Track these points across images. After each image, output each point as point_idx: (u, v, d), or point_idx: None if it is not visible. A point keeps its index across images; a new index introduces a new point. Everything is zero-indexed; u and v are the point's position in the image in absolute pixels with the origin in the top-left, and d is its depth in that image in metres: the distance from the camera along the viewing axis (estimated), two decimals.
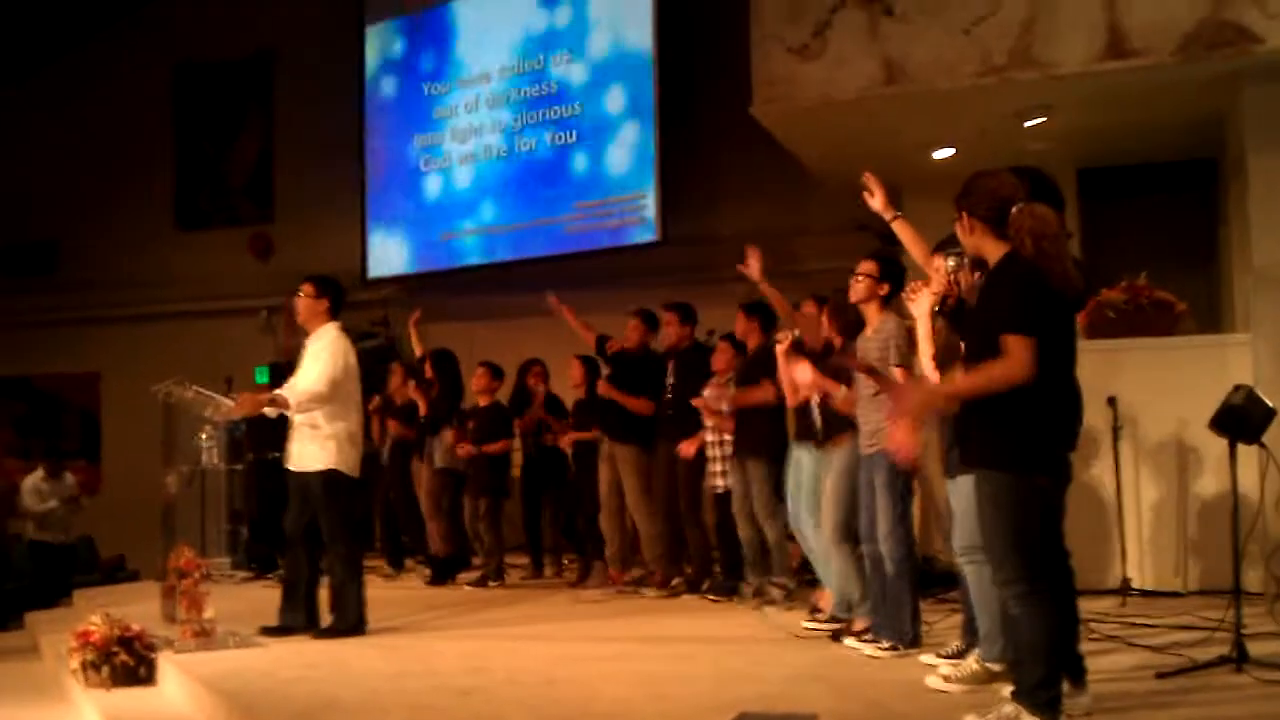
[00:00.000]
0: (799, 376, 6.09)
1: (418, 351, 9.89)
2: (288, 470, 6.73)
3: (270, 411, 6.65)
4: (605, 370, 8.54)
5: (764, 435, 7.07)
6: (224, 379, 9.74)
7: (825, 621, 6.18)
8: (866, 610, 5.84)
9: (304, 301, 6.80)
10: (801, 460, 6.46)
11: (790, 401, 6.65)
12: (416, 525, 9.66)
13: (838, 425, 5.95)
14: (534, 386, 9.30)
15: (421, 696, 4.87)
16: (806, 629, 6.19)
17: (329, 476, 6.53)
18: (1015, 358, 3.69)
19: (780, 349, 6.58)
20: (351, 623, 6.51)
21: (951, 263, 4.64)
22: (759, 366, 7.09)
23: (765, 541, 7.20)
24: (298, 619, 6.58)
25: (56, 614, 9.22)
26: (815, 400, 6.20)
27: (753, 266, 6.78)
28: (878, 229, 5.97)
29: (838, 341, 6.16)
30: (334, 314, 6.80)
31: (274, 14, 14.40)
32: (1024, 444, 3.77)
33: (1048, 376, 3.72)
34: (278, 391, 6.61)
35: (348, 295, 7.05)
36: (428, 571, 9.43)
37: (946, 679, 4.66)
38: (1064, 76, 7.53)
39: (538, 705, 4.64)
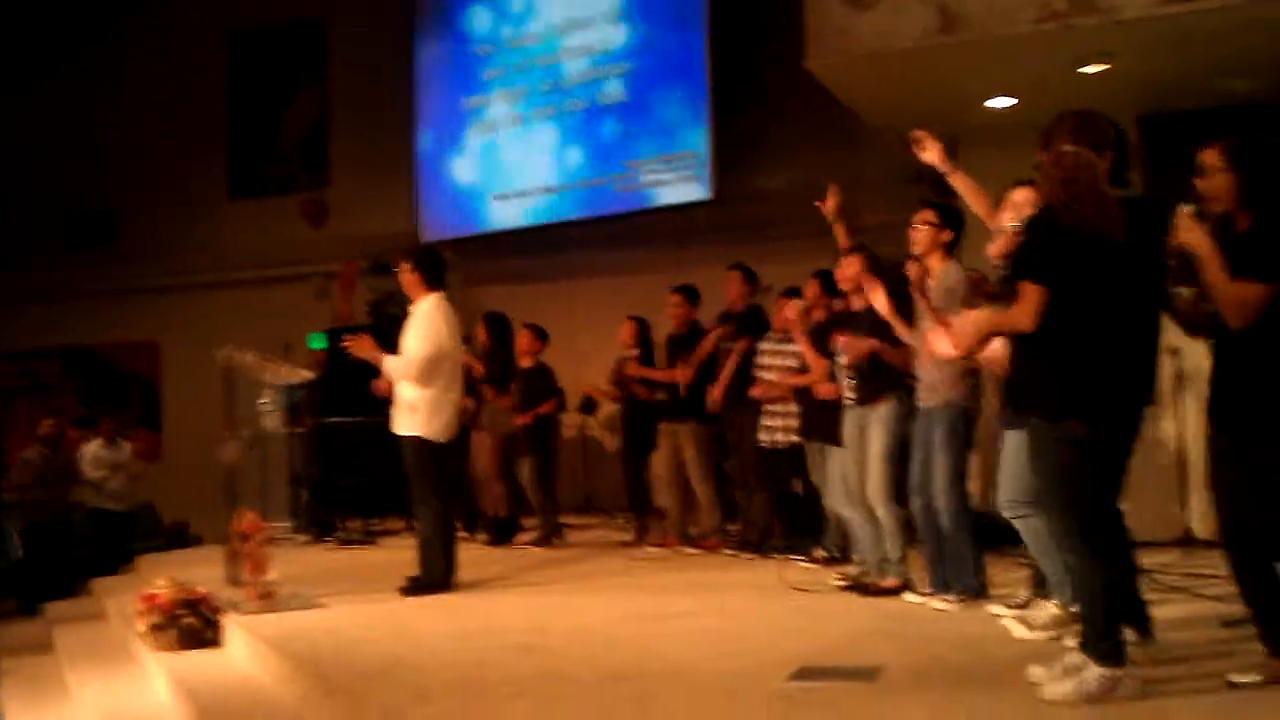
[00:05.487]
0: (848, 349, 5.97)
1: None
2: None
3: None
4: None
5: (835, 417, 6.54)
6: (282, 345, 9.81)
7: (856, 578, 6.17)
8: (902, 570, 5.86)
9: (403, 277, 6.95)
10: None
11: (816, 371, 6.60)
12: (469, 490, 9.67)
13: (877, 383, 5.89)
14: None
15: (483, 655, 4.90)
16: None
17: (413, 443, 6.69)
18: (1020, 304, 3.76)
19: (790, 315, 6.55)
20: (436, 578, 6.63)
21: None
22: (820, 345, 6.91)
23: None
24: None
25: (122, 580, 9.37)
26: (843, 362, 6.13)
27: (830, 204, 6.56)
28: (934, 181, 5.89)
29: (858, 302, 6.12)
30: (431, 283, 6.89)
31: None
32: (1054, 388, 3.76)
33: (1080, 323, 3.70)
34: (386, 359, 6.75)
35: (426, 259, 7.07)
36: (474, 536, 9.49)
37: (1030, 626, 4.66)
38: (1126, 21, 7.35)
39: (598, 663, 4.64)
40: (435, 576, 6.65)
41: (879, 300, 5.63)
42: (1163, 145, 8.71)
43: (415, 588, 6.60)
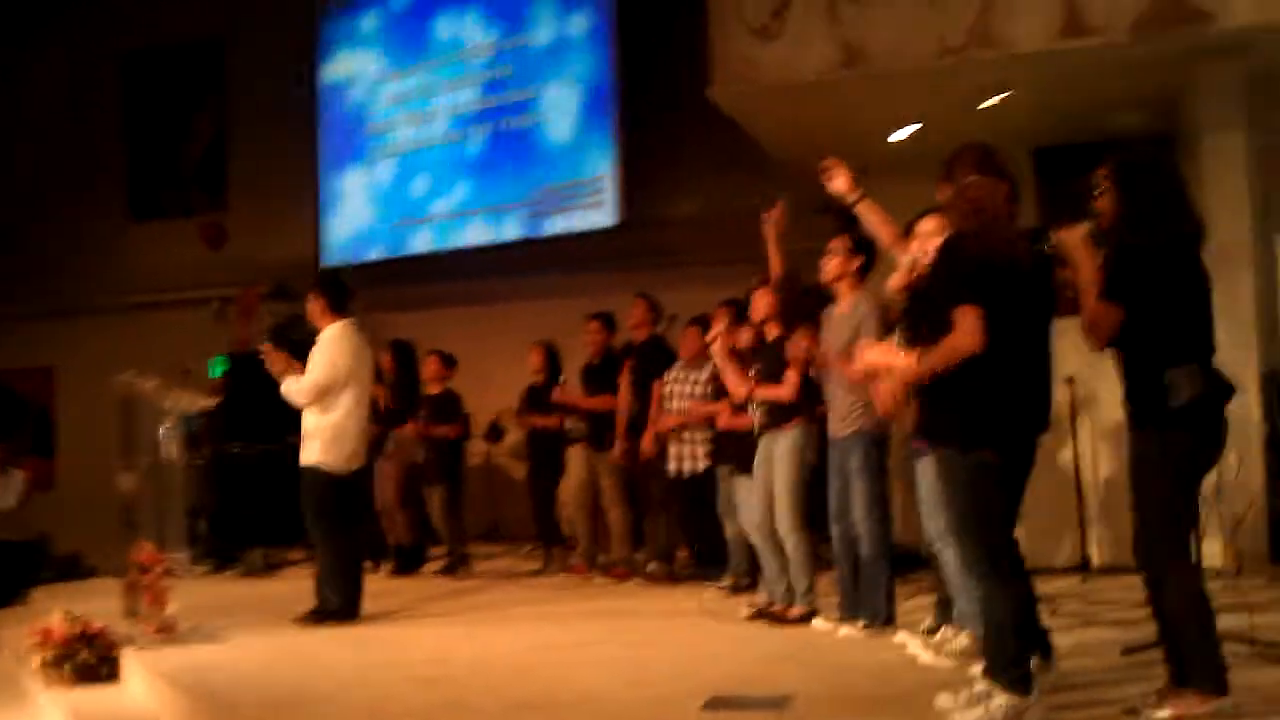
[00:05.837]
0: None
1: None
2: None
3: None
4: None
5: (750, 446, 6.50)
6: (180, 370, 9.61)
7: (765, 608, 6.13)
8: (810, 599, 5.87)
9: (308, 305, 6.96)
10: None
11: (737, 398, 6.58)
12: (375, 520, 9.53)
13: (784, 410, 5.92)
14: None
15: (387, 687, 4.83)
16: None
17: (308, 471, 6.66)
18: (963, 327, 3.72)
19: (715, 348, 6.53)
20: (333, 608, 6.56)
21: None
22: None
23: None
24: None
25: (15, 612, 9.08)
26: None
27: (773, 216, 6.26)
28: (840, 211, 5.94)
29: (772, 333, 6.14)
30: (336, 309, 6.86)
31: None
32: (966, 418, 3.79)
33: (992, 350, 3.72)
34: (286, 379, 6.72)
35: (331, 286, 7.02)
36: (379, 566, 9.37)
37: (938, 654, 4.70)
38: (1022, 55, 7.53)
39: (504, 694, 4.60)
40: (332, 607, 6.57)
41: (798, 346, 5.70)
42: (1056, 177, 8.94)
43: (312, 618, 6.51)
